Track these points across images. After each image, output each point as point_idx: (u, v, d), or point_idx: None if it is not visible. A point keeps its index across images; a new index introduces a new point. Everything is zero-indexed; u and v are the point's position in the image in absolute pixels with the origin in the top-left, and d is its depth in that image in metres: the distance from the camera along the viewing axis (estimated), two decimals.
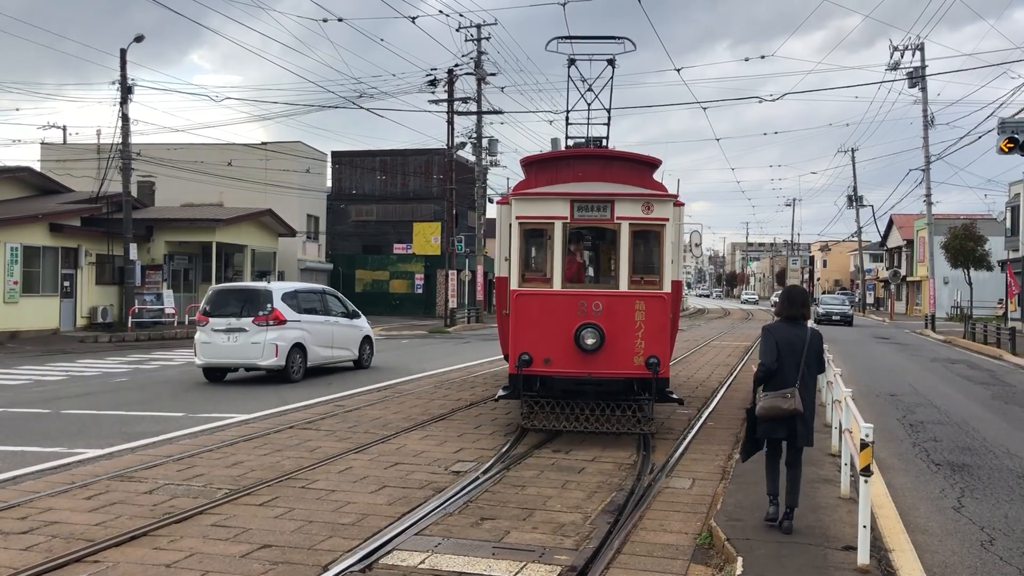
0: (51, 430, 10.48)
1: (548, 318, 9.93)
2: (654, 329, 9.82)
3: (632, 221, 9.97)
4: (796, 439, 6.15)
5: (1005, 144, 19.67)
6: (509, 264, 10.29)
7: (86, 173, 32.27)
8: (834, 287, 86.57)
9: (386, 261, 46.07)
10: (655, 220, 10.05)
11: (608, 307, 9.86)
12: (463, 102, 36.99)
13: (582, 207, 10.05)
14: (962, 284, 42.71)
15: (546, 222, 10.06)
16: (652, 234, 10.12)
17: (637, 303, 9.92)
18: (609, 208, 10.00)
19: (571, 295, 9.96)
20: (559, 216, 10.01)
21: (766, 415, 6.09)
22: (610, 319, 9.79)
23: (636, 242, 10.10)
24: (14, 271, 25.46)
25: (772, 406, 6.04)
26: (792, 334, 6.21)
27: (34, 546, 5.81)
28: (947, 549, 6.15)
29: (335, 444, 9.42)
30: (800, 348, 6.14)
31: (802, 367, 6.11)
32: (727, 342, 28.09)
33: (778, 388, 6.08)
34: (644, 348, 9.75)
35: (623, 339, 9.78)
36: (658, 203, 10.05)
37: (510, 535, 6.15)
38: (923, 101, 38.39)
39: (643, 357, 9.70)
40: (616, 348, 9.75)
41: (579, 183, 10.13)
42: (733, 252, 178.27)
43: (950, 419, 12.21)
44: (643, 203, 10.02)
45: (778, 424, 6.10)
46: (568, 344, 9.74)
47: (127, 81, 27.81)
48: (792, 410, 5.99)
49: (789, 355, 6.11)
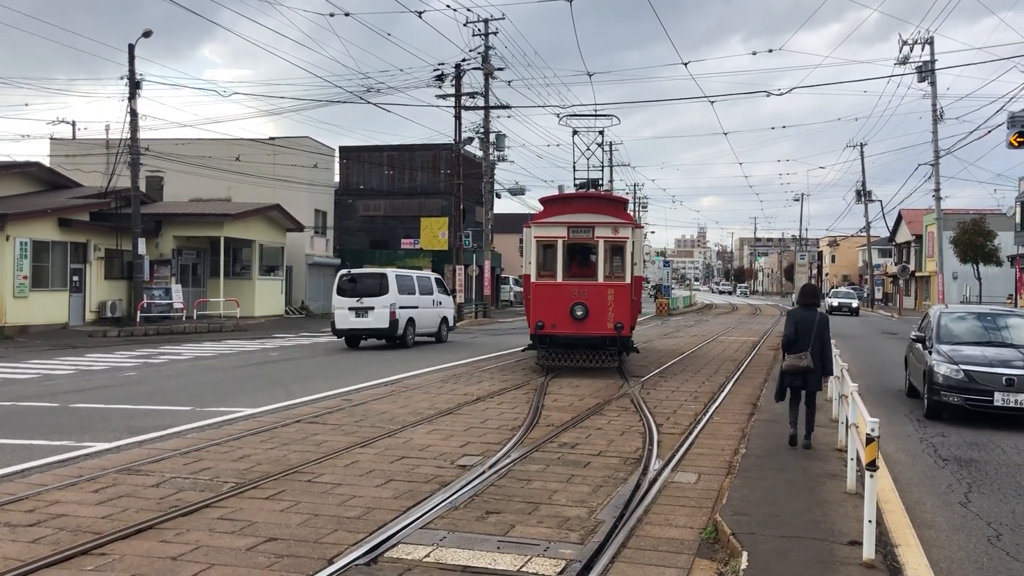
0: (59, 424, 10.54)
1: (554, 299, 15.84)
2: (619, 306, 15.78)
3: (605, 239, 15.91)
4: (809, 386, 8.92)
5: (1015, 139, 19.60)
6: (531, 266, 16.25)
7: (95, 168, 32.33)
8: (842, 282, 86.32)
9: (393, 256, 46.09)
10: (620, 238, 15.93)
11: (591, 292, 15.76)
12: (470, 97, 37.00)
13: (574, 230, 16.00)
14: (971, 279, 42.55)
15: (552, 239, 16.07)
16: (618, 247, 16.02)
17: (609, 290, 15.82)
18: (591, 231, 15.95)
19: (568, 285, 15.90)
20: (560, 236, 15.98)
21: (788, 370, 8.89)
22: (592, 300, 15.70)
23: (608, 252, 16.03)
24: (23, 266, 25.58)
25: (792, 364, 8.85)
26: (806, 316, 9.01)
27: (41, 538, 5.84)
28: (954, 544, 6.13)
29: (341, 438, 9.44)
30: (811, 325, 8.89)
31: (813, 337, 8.83)
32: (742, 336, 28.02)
33: (796, 352, 8.85)
34: (613, 317, 15.71)
35: (600, 312, 15.69)
36: (622, 228, 15.98)
37: (515, 529, 6.15)
38: (932, 95, 38.20)
39: (612, 323, 15.69)
40: (596, 317, 15.68)
41: (573, 215, 16.11)
42: (741, 247, 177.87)
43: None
44: (612, 227, 15.90)
45: (796, 376, 8.88)
46: (566, 315, 15.72)
47: (135, 76, 27.88)
48: (805, 366, 8.79)
49: (804, 330, 8.87)
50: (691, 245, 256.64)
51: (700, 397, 13.10)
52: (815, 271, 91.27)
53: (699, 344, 24.16)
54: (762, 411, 11.43)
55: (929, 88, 38.20)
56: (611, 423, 10.66)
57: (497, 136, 39.38)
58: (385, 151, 48.53)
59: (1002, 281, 46.47)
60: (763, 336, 28.24)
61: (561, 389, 13.78)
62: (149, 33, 27.63)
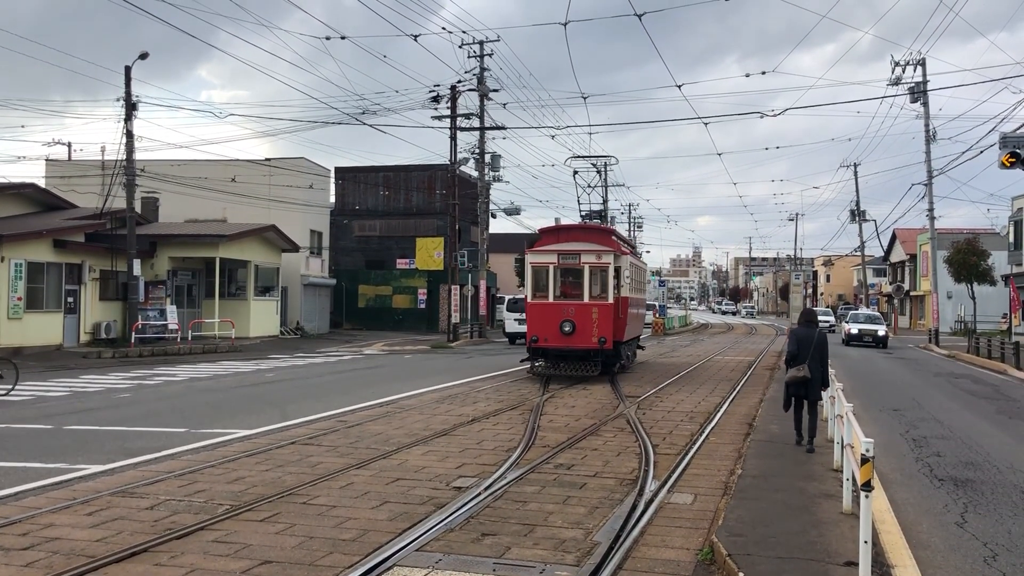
0: (53, 446, 10.49)
1: (546, 317, 18.47)
2: (603, 323, 18.25)
3: (590, 264, 18.51)
4: (810, 395, 10.28)
5: (1007, 159, 19.71)
6: (528, 288, 19.10)
7: (90, 189, 32.32)
8: (838, 302, 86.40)
9: (389, 276, 46.11)
10: (603, 263, 18.54)
11: (577, 311, 18.31)
12: (466, 118, 37.14)
13: (563, 257, 18.69)
14: (966, 298, 42.66)
15: (545, 265, 18.76)
16: (602, 271, 18.59)
17: (593, 309, 18.27)
18: (578, 257, 18.59)
19: (558, 304, 18.49)
20: (552, 262, 18.68)
21: (791, 381, 10.27)
22: (578, 317, 18.22)
23: (592, 276, 18.56)
24: (18, 287, 25.52)
25: (793, 375, 10.20)
26: (806, 334, 10.41)
27: (35, 562, 5.80)
28: (950, 565, 6.12)
29: (336, 460, 9.41)
30: (810, 342, 10.29)
31: (812, 352, 10.19)
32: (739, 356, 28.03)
33: (796, 364, 10.20)
34: (597, 332, 18.18)
35: (585, 328, 18.18)
36: (605, 255, 18.56)
37: (511, 551, 6.14)
38: (925, 116, 38.44)
39: (596, 338, 18.19)
40: (582, 333, 18.19)
41: (564, 243, 18.89)
42: (736, 267, 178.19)
43: (953, 434, 12.18)
44: (596, 254, 18.50)
45: (798, 386, 10.25)
46: (556, 330, 18.25)
47: (131, 98, 27.95)
48: (804, 376, 10.11)
49: (805, 346, 10.25)
50: (686, 264, 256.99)
51: (696, 417, 13.09)
52: (810, 290, 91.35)
53: (695, 364, 24.14)
54: (758, 431, 11.42)
55: (922, 109, 38.46)
56: (607, 444, 10.65)
57: (492, 157, 39.54)
58: (381, 172, 48.64)
59: (996, 300, 46.62)
60: (759, 356, 28.24)
61: (557, 409, 13.76)
62: (146, 55, 27.73)
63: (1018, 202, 41.77)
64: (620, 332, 19.04)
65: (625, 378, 19.06)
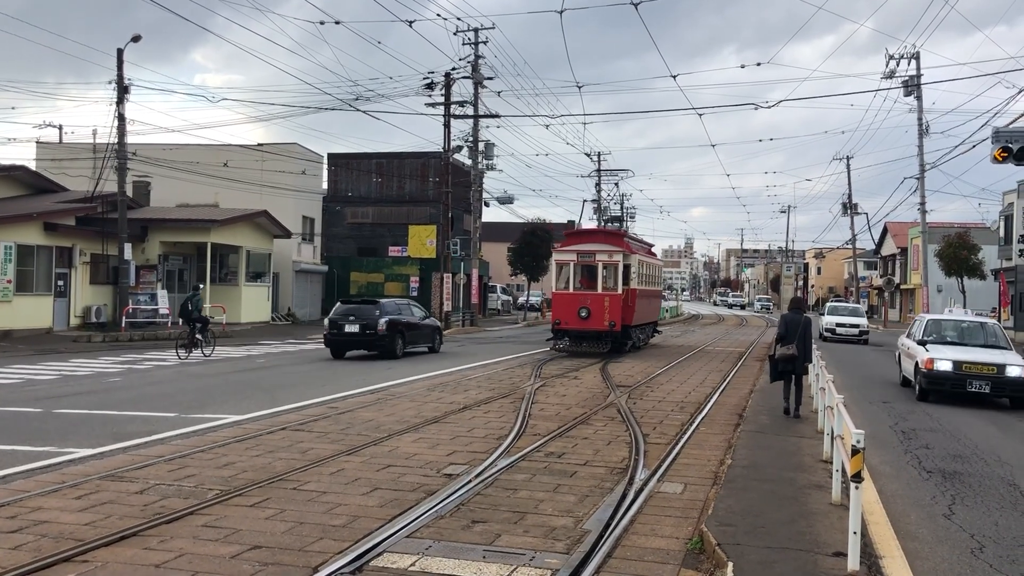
0: (42, 429, 10.45)
1: (567, 304, 23.04)
2: (613, 309, 22.65)
3: (603, 262, 23.14)
4: (796, 370, 12.03)
5: (999, 153, 19.71)
6: (553, 281, 24.31)
7: (82, 172, 32.10)
8: (828, 294, 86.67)
9: (381, 263, 46.00)
10: (614, 261, 23.16)
11: (592, 300, 22.77)
12: (460, 106, 37.01)
13: (582, 255, 23.41)
14: (955, 292, 42.80)
15: (567, 262, 23.53)
16: (613, 267, 23.20)
17: (605, 298, 22.75)
18: (593, 256, 23.26)
19: (576, 294, 23.07)
20: (572, 260, 23.44)
21: (780, 357, 11.98)
22: (592, 305, 22.66)
23: (604, 271, 23.16)
24: (8, 270, 25.38)
25: (782, 353, 11.93)
26: (794, 318, 12.26)
27: (23, 545, 5.78)
28: (937, 556, 6.16)
29: (327, 446, 9.40)
30: (798, 325, 12.08)
31: (798, 332, 11.95)
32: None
33: (784, 344, 11.95)
34: (608, 317, 22.57)
35: (598, 313, 22.56)
36: (615, 254, 23.22)
37: (501, 538, 6.14)
38: (918, 110, 38.54)
39: (607, 321, 22.57)
40: (595, 317, 22.55)
41: (582, 244, 23.77)
42: (728, 258, 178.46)
43: (942, 426, 12.24)
44: (608, 254, 23.16)
45: (786, 362, 11.99)
46: (575, 315, 22.71)
47: (124, 81, 27.74)
48: (791, 354, 11.87)
49: (792, 328, 12.06)
50: (678, 255, 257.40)
51: (687, 407, 13.13)
52: (801, 283, 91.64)
53: (685, 355, 24.23)
54: (748, 422, 11.46)
55: (915, 102, 38.54)
56: (598, 433, 10.66)
57: (486, 145, 39.40)
58: (374, 158, 48.47)
59: (986, 294, 46.76)
60: (749, 347, 28.32)
61: (548, 398, 13.77)
62: (138, 38, 27.51)
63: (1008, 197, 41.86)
64: (629, 317, 23.38)
65: (616, 367, 19.13)
